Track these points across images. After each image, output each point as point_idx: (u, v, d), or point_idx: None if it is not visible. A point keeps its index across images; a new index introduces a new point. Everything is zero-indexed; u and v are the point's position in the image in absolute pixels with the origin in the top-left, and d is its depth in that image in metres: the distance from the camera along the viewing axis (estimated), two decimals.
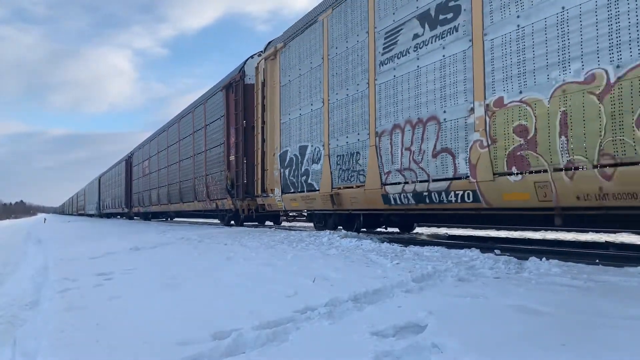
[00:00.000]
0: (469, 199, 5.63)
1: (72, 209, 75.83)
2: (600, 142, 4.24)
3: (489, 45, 5.32)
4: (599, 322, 2.25)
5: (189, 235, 9.42)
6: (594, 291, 2.95)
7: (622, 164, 4.06)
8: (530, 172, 4.83)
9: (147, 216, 25.20)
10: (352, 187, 7.64)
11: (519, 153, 4.95)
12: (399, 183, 6.63)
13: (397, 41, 6.73)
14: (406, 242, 6.82)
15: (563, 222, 4.97)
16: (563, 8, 4.55)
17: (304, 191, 9.06)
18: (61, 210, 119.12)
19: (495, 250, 5.11)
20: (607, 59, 4.18)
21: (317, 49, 8.75)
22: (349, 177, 7.77)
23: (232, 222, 13.97)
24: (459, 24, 5.73)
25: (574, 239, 7.30)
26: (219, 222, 15.54)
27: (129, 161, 27.10)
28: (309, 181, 8.91)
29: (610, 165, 4.15)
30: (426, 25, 6.21)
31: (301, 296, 3.10)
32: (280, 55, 10.07)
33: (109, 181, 34.31)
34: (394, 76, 6.76)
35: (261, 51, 11.14)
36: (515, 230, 9.08)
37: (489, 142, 5.28)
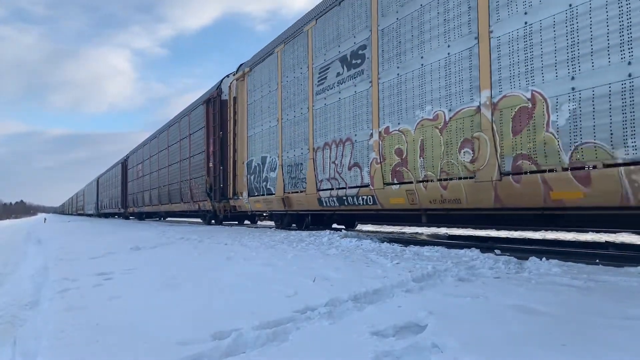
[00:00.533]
0: (370, 202, 7.40)
1: (71, 209, 77.84)
2: (441, 162, 5.98)
3: (381, 87, 7.13)
4: (599, 322, 2.25)
5: (189, 235, 9.42)
6: (594, 291, 2.95)
7: (451, 179, 5.82)
8: (403, 183, 6.56)
9: (141, 216, 26.48)
10: (298, 192, 9.36)
11: (397, 168, 6.71)
12: (328, 189, 8.38)
13: (326, 76, 8.54)
14: (406, 242, 6.83)
15: (427, 220, 6.89)
16: (422, 65, 6.40)
17: (264, 195, 10.80)
18: (61, 210, 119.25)
19: (495, 250, 5.11)
20: (445, 105, 5.98)
21: (274, 76, 10.53)
22: (296, 184, 9.46)
23: (213, 221, 15.53)
24: (364, 68, 7.55)
25: (574, 239, 7.30)
26: (201, 221, 17.50)
27: (124, 164, 28.41)
28: (268, 186, 10.63)
29: (445, 179, 5.90)
30: (345, 67, 8.05)
31: (301, 296, 3.10)
32: (247, 77, 11.93)
33: (107, 182, 35.80)
34: (325, 104, 8.54)
35: (234, 72, 12.82)
36: (515, 230, 9.09)
37: (381, 160, 7.04)
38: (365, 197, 7.47)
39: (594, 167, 4.32)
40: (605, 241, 6.53)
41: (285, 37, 10.01)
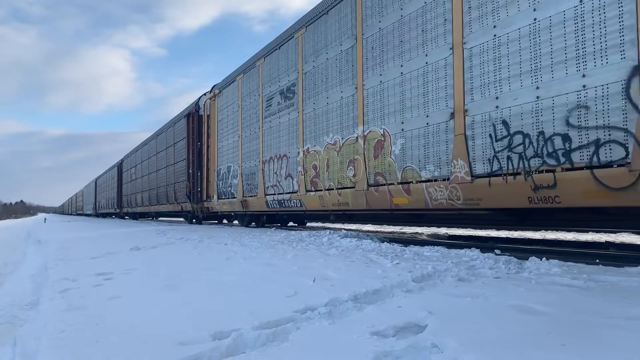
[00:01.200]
0: (298, 205, 9.57)
1: (71, 209, 79.99)
2: (338, 176, 8.12)
3: (304, 116, 9.33)
4: (599, 322, 2.25)
5: (189, 235, 9.43)
6: (594, 291, 2.95)
7: (343, 188, 7.96)
8: (317, 190, 8.76)
9: (134, 216, 28.29)
10: (252, 196, 11.54)
11: (314, 179, 8.90)
12: (272, 194, 10.59)
13: (271, 104, 10.80)
14: (406, 242, 6.83)
15: (335, 217, 9.59)
16: (327, 103, 8.57)
17: (229, 198, 12.92)
18: (61, 211, 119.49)
19: (495, 250, 5.11)
20: (340, 134, 8.14)
21: (236, 99, 12.80)
22: (251, 189, 11.67)
23: (194, 220, 17.32)
24: (294, 102, 9.74)
25: (574, 239, 7.30)
26: (184, 220, 20.01)
27: (120, 167, 30.32)
28: (232, 191, 12.80)
29: (339, 189, 8.05)
30: (282, 98, 10.26)
31: (301, 296, 3.10)
32: (217, 98, 14.18)
33: (104, 184, 37.90)
34: (270, 126, 10.79)
35: (209, 91, 15.07)
36: (515, 230, 9.09)
37: (304, 172, 9.23)
38: (295, 201, 9.69)
39: (412, 182, 6.45)
40: (606, 241, 6.53)
41: (244, 68, 12.37)
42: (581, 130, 4.40)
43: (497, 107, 5.28)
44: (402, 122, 6.69)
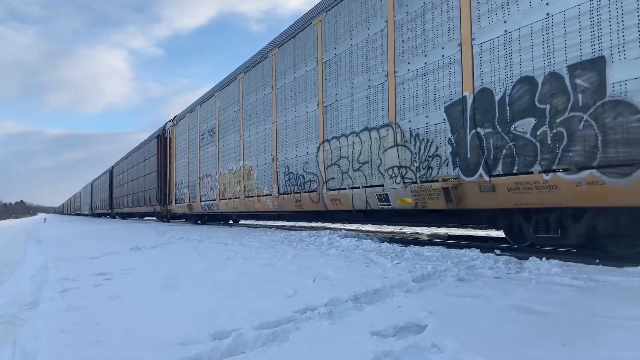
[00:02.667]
0: (216, 208, 13.83)
1: (70, 209, 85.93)
2: (233, 190, 12.34)
3: (219, 150, 13.44)
4: (599, 322, 2.25)
5: (189, 235, 9.42)
6: (594, 291, 2.95)
7: (235, 198, 12.26)
8: (224, 199, 12.95)
9: (123, 215, 32.45)
10: (194, 202, 15.76)
11: (223, 192, 13.11)
12: (204, 201, 14.77)
13: (204, 137, 14.91)
14: (406, 242, 6.82)
15: (236, 216, 16.25)
16: (228, 143, 12.94)
17: (182, 202, 17.23)
18: (60, 211, 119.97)
19: (495, 250, 5.11)
20: (234, 163, 12.27)
21: (185, 130, 17.05)
22: (193, 197, 15.80)
23: (164, 219, 21.66)
24: (214, 138, 13.94)
25: None
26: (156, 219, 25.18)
27: (111, 172, 34.65)
28: (183, 197, 17.06)
29: (233, 198, 12.29)
30: (209, 135, 14.43)
31: (301, 296, 3.10)
32: (175, 127, 18.50)
33: (99, 187, 42.63)
34: (203, 153, 14.89)
35: (172, 119, 19.11)
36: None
37: (219, 187, 13.43)
38: (215, 206, 13.93)
39: (260, 196, 10.65)
40: None
41: (191, 108, 16.46)
42: (307, 173, 8.89)
43: (285, 157, 9.69)
44: (256, 160, 11.08)
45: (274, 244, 6.74)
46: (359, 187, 7.27)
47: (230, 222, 17.73)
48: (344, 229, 9.83)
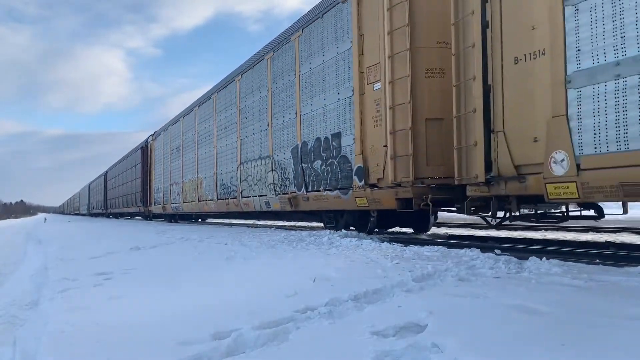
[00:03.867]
0: (182, 209, 17.16)
1: (70, 209, 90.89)
2: (190, 196, 16.04)
3: (183, 164, 16.86)
4: (599, 322, 2.25)
5: (189, 235, 9.42)
6: (594, 291, 2.95)
7: (192, 202, 15.86)
8: (187, 202, 16.31)
9: (116, 215, 35.51)
10: (167, 204, 18.93)
11: (185, 197, 16.55)
12: (173, 203, 17.93)
13: (173, 153, 18.25)
14: (406, 242, 6.82)
15: (196, 216, 20.14)
16: (189, 159, 16.49)
17: (159, 204, 20.24)
18: (60, 211, 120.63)
19: (495, 250, 5.10)
20: (192, 175, 15.82)
21: (161, 145, 20.39)
22: (166, 200, 18.98)
23: (148, 218, 24.83)
24: (180, 154, 17.34)
25: (574, 239, 7.30)
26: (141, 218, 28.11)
27: (105, 176, 38.21)
28: (159, 200, 20.25)
29: (191, 202, 16.05)
30: (177, 151, 17.61)
31: (301, 296, 3.10)
32: (155, 141, 21.67)
33: (95, 189, 46.07)
34: (174, 165, 18.03)
35: (152, 134, 22.51)
36: (515, 230, 9.09)
37: (183, 193, 16.71)
38: (180, 207, 17.07)
39: (207, 200, 14.26)
40: (606, 241, 6.53)
41: (164, 128, 20.13)
42: (232, 185, 12.40)
43: (221, 172, 13.20)
44: (205, 174, 14.40)
45: (274, 244, 6.74)
46: (257, 196, 10.91)
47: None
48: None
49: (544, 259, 4.17)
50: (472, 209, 5.79)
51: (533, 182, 4.72)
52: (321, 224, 9.99)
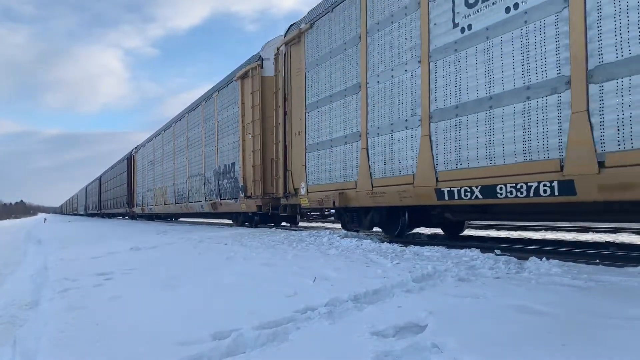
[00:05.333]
0: (154, 211, 21.37)
1: (69, 210, 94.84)
2: (162, 200, 19.91)
3: (155, 174, 21.07)
4: (599, 322, 2.25)
5: (189, 235, 9.42)
6: (594, 291, 2.95)
7: (167, 204, 19.14)
8: (167, 205, 18.93)
9: (109, 215, 38.83)
10: (145, 207, 22.76)
11: (157, 200, 20.61)
12: (148, 205, 22.06)
13: (148, 165, 22.29)
14: (406, 242, 6.82)
15: (178, 216, 24.42)
16: (159, 172, 20.50)
17: (139, 207, 23.76)
18: (60, 211, 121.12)
19: (495, 250, 5.11)
20: (161, 183, 19.83)
21: (144, 156, 23.32)
22: (144, 203, 22.82)
23: (132, 218, 28.55)
24: (153, 166, 21.25)
25: (574, 239, 7.30)
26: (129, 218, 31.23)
27: (100, 179, 41.57)
28: (139, 203, 23.74)
29: (165, 204, 19.59)
30: (151, 164, 21.68)
31: (301, 296, 3.10)
32: (137, 153, 24.88)
33: (91, 191, 49.69)
34: (147, 175, 22.43)
35: (135, 147, 25.85)
36: (515, 230, 9.08)
37: (155, 198, 20.81)
38: (154, 209, 20.77)
39: (169, 204, 18.62)
40: (606, 241, 6.53)
41: (142, 144, 23.50)
42: (184, 192, 16.74)
43: (178, 183, 17.63)
44: (169, 183, 18.13)
45: (274, 244, 6.74)
46: (196, 202, 15.26)
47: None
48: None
49: (544, 259, 4.17)
50: (284, 211, 9.87)
51: (299, 197, 8.91)
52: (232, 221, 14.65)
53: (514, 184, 4.83)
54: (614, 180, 4.03)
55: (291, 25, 9.45)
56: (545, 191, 4.57)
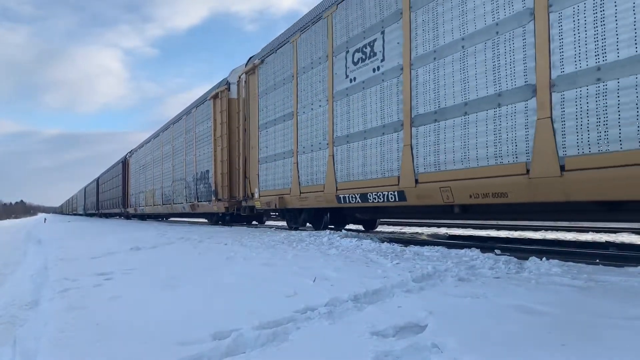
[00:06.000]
0: (145, 211, 23.71)
1: (69, 210, 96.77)
2: (152, 201, 22.29)
3: (145, 178, 23.41)
4: (599, 322, 2.25)
5: (189, 235, 9.42)
6: (594, 291, 2.95)
7: (155, 205, 21.43)
8: (148, 205, 22.62)
9: (106, 215, 40.40)
10: (137, 207, 25.07)
11: (148, 201, 22.83)
12: (139, 206, 24.24)
13: (140, 169, 24.61)
14: (406, 242, 6.83)
15: (163, 217, 27.01)
16: (150, 175, 22.68)
17: (132, 207, 25.95)
18: (60, 211, 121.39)
19: (495, 250, 5.11)
20: (151, 186, 21.99)
21: (138, 160, 25.20)
22: (136, 204, 25.03)
23: (127, 218, 30.41)
24: (144, 170, 23.45)
25: (574, 239, 7.30)
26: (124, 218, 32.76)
27: (98, 181, 43.51)
28: (132, 204, 26.06)
29: (154, 205, 21.73)
30: (142, 168, 23.79)
31: (301, 296, 3.10)
32: (131, 157, 26.88)
33: (90, 192, 51.42)
34: (139, 178, 24.66)
35: (129, 152, 27.74)
36: (515, 230, 9.08)
37: (145, 199, 23.17)
38: (145, 209, 23.03)
39: (158, 205, 20.64)
40: (606, 241, 6.53)
41: (135, 150, 25.42)
42: (169, 194, 18.97)
43: (165, 186, 20.14)
44: (157, 186, 20.31)
45: (274, 244, 6.74)
46: (179, 203, 17.13)
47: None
48: (344, 230, 10.22)
49: (544, 259, 4.17)
50: (244, 212, 12.20)
51: (254, 200, 10.79)
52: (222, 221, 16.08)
53: (376, 193, 6.84)
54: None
55: (250, 58, 11.50)
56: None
